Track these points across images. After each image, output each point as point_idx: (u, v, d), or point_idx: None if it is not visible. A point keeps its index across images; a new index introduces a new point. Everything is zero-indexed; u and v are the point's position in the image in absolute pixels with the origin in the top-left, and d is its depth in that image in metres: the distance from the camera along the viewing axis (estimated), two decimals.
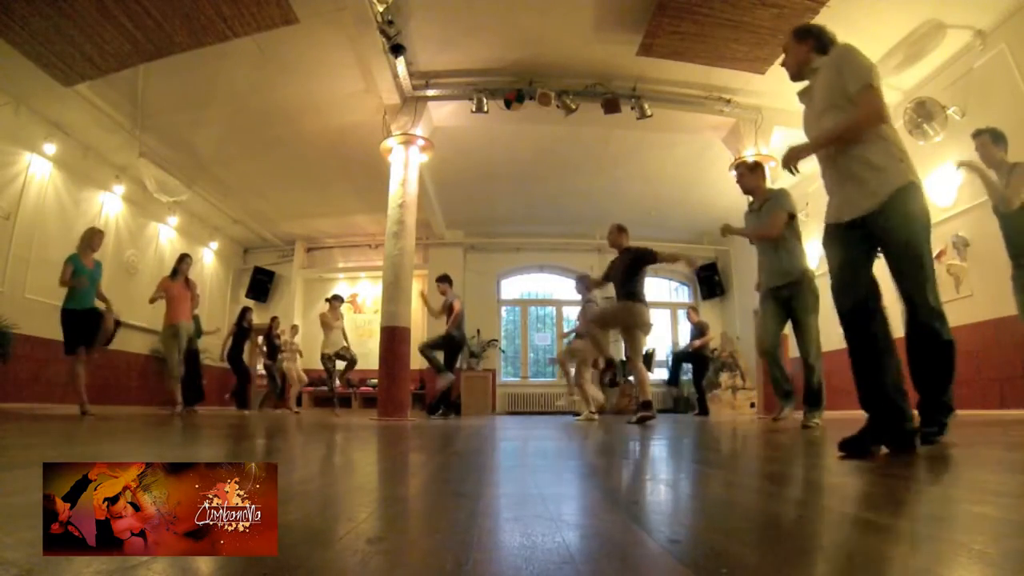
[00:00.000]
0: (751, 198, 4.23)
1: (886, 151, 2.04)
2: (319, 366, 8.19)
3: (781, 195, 3.98)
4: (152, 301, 6.47)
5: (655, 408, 5.17)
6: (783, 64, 2.47)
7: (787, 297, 3.90)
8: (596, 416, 6.13)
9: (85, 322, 5.23)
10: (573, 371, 6.46)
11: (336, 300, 8.34)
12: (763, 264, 4.05)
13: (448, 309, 6.98)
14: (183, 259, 6.65)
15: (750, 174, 4.25)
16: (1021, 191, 3.69)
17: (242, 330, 8.28)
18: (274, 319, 8.96)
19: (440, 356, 6.88)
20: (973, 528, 0.80)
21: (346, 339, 8.13)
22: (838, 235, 2.13)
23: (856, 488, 1.28)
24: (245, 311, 8.52)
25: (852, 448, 1.83)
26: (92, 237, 5.47)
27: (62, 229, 6.87)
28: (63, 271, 5.19)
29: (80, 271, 5.25)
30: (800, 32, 2.35)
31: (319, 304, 11.31)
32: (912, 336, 2.08)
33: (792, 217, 3.89)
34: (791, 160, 2.24)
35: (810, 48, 2.27)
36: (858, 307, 2.06)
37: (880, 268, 2.07)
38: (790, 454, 2.21)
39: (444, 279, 7.28)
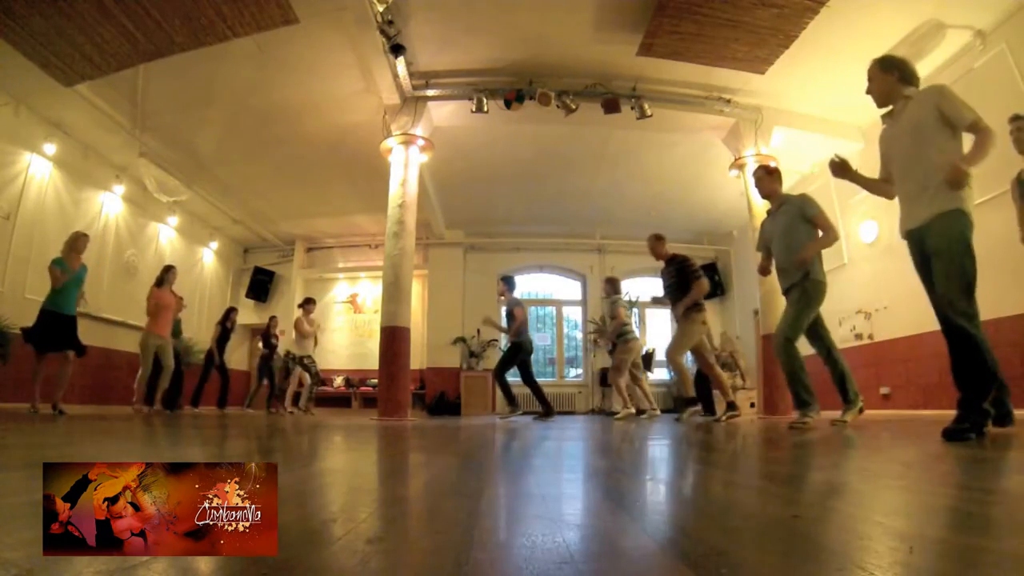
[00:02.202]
0: (768, 202, 4.14)
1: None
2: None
3: (805, 202, 3.83)
4: (150, 313, 6.50)
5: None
6: (868, 91, 2.80)
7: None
8: (633, 413, 6.35)
9: (63, 327, 5.19)
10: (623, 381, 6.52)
11: (309, 304, 8.28)
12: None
13: (510, 316, 6.42)
14: (168, 269, 6.73)
15: (768, 178, 4.13)
16: None
17: (224, 331, 8.26)
18: (272, 319, 8.94)
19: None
20: (973, 528, 0.80)
21: (315, 340, 8.19)
22: (908, 246, 2.67)
23: (856, 488, 1.28)
24: (229, 311, 8.51)
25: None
26: (76, 240, 5.45)
27: (62, 229, 6.86)
28: (53, 276, 5.16)
29: (66, 272, 5.25)
30: (885, 63, 2.72)
31: (318, 304, 11.32)
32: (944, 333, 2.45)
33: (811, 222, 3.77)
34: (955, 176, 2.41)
35: (896, 79, 2.67)
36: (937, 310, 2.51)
37: None
38: (790, 454, 2.22)
39: (505, 279, 6.66)
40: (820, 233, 3.75)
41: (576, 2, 5.51)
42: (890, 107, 2.73)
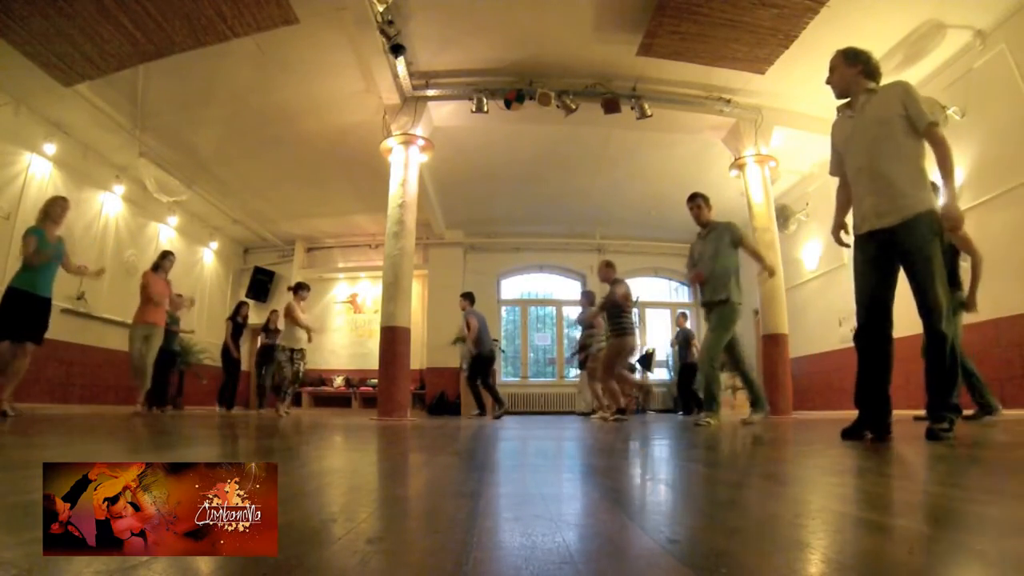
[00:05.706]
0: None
1: (913, 178, 2.40)
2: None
3: (729, 228, 4.37)
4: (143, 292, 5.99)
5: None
6: (828, 81, 2.74)
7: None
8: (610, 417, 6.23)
9: (36, 310, 4.37)
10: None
11: (302, 289, 7.27)
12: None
13: (467, 327, 7.29)
14: (166, 255, 6.28)
15: (707, 206, 4.62)
16: None
17: (236, 326, 8.17)
18: (273, 312, 8.79)
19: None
20: (973, 528, 0.80)
21: (309, 336, 7.08)
22: (860, 245, 2.59)
23: (856, 488, 1.28)
24: (239, 306, 8.39)
25: (850, 435, 2.49)
26: (52, 206, 4.58)
27: (62, 230, 6.85)
28: (25, 243, 4.35)
29: (44, 245, 4.42)
30: (850, 55, 2.66)
31: (318, 304, 11.30)
32: (926, 334, 2.46)
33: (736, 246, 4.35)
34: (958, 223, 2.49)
35: (859, 72, 2.62)
36: (872, 319, 2.68)
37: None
38: (789, 454, 2.22)
39: (464, 296, 7.44)
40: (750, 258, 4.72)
41: (576, 2, 5.51)
42: (847, 99, 2.67)
